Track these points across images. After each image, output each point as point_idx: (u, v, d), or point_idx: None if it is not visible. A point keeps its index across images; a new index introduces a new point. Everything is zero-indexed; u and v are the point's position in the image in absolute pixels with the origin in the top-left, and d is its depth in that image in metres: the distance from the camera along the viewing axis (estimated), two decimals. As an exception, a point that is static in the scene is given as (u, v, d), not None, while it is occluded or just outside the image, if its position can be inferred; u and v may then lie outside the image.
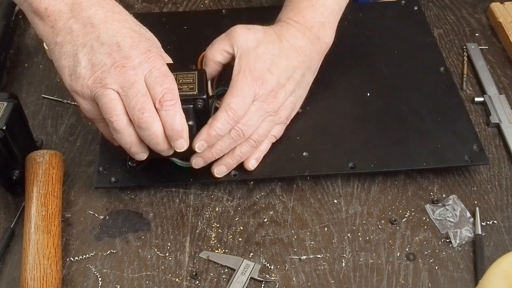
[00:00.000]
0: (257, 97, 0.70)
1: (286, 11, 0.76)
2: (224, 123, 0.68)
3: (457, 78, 0.88)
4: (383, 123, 0.79)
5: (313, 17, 0.74)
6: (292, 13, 0.75)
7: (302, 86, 0.75)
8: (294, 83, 0.73)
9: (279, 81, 0.71)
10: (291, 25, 0.74)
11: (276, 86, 0.71)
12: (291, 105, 0.74)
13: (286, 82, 0.72)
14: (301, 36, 0.74)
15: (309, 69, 0.75)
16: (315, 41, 0.75)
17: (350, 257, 0.69)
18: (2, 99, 0.70)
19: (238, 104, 0.68)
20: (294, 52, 0.73)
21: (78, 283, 0.67)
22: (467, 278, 0.67)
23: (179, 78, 0.69)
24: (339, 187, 0.75)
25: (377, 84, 0.83)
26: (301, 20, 0.74)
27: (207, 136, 0.68)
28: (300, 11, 0.75)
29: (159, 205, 0.74)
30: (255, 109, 0.70)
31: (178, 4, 1.01)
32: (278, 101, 0.72)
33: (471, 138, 0.76)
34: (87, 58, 0.64)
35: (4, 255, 0.69)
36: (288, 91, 0.72)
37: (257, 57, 0.70)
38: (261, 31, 0.73)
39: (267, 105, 0.71)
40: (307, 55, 0.74)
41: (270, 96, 0.70)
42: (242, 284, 0.66)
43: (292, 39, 0.73)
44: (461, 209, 0.72)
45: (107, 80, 0.62)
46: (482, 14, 0.98)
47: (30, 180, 0.70)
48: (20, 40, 0.95)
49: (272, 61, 0.71)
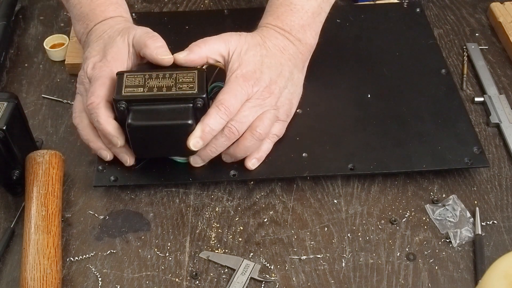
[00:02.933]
0: (252, 95, 0.71)
1: (266, 16, 0.78)
2: (216, 118, 0.68)
3: (457, 78, 0.88)
4: (383, 125, 0.79)
5: (291, 21, 0.76)
6: (271, 17, 0.77)
7: (293, 83, 0.76)
8: (285, 79, 0.74)
9: (271, 77, 0.72)
10: (270, 29, 0.76)
11: (269, 82, 0.72)
12: (287, 101, 0.75)
13: (277, 78, 0.73)
14: (282, 38, 0.76)
15: (296, 67, 0.76)
16: (296, 42, 0.76)
17: (350, 257, 0.69)
18: (2, 99, 0.70)
19: (229, 100, 0.69)
20: (279, 51, 0.75)
21: (78, 283, 0.67)
22: (467, 278, 0.67)
23: (179, 77, 0.69)
24: (339, 187, 0.75)
25: (378, 86, 0.83)
26: (279, 24, 0.76)
27: (201, 133, 0.68)
28: (278, 16, 0.77)
29: (159, 205, 0.74)
30: (250, 106, 0.71)
31: (178, 4, 1.01)
32: (275, 95, 0.72)
33: (472, 140, 0.76)
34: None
35: (4, 255, 0.69)
36: (281, 86, 0.73)
37: (248, 60, 0.72)
38: (249, 36, 0.75)
39: (262, 100, 0.71)
40: (291, 54, 0.76)
41: (265, 92, 0.71)
42: (242, 284, 0.66)
43: (274, 39, 0.75)
44: (461, 209, 0.72)
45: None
46: (482, 14, 0.98)
47: (30, 180, 0.70)
48: (20, 40, 0.95)
49: (262, 62, 0.73)
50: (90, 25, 0.78)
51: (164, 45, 0.72)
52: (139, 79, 0.69)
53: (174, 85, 0.69)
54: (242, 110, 0.70)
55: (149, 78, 0.69)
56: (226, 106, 0.68)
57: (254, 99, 0.71)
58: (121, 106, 0.68)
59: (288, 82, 0.75)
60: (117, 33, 0.74)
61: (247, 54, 0.73)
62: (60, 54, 0.91)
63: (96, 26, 0.77)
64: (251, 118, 0.71)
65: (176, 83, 0.69)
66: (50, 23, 0.98)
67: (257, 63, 0.72)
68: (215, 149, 0.71)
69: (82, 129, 0.74)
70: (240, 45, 0.73)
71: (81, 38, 0.80)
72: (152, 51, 0.71)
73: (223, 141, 0.71)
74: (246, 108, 0.71)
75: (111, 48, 0.73)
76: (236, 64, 0.72)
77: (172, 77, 0.70)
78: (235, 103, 0.69)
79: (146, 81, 0.69)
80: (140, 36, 0.73)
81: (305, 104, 0.80)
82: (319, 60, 0.81)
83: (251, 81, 0.71)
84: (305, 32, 0.77)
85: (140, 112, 0.68)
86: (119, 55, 0.73)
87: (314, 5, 0.77)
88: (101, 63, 0.72)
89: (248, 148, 0.73)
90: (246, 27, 0.78)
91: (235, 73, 0.71)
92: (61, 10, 1.00)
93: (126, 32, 0.74)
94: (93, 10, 0.78)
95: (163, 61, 0.71)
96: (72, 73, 0.89)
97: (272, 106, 0.73)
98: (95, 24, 0.77)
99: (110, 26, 0.76)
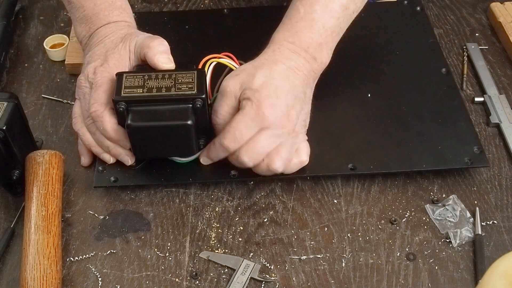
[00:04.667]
0: (268, 125, 0.67)
1: (282, 30, 0.74)
2: (218, 153, 0.71)
3: (457, 78, 0.88)
4: (384, 124, 0.78)
5: (310, 37, 0.72)
6: (288, 33, 0.73)
7: (306, 102, 0.73)
8: (300, 101, 0.71)
9: (288, 103, 0.69)
10: (284, 46, 0.72)
11: (286, 109, 0.68)
12: (303, 122, 0.73)
13: (294, 102, 0.70)
14: (296, 57, 0.72)
15: (308, 86, 0.73)
16: (311, 60, 0.73)
17: (350, 257, 0.69)
18: (2, 99, 0.70)
19: (229, 142, 0.68)
20: (292, 72, 0.71)
21: (78, 283, 0.67)
22: (467, 278, 0.67)
23: (178, 77, 0.69)
24: (339, 187, 0.75)
25: (378, 85, 0.83)
26: (296, 41, 0.72)
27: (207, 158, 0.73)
28: (297, 31, 0.72)
29: (159, 205, 0.74)
30: (265, 137, 0.68)
31: (178, 4, 1.01)
32: (293, 122, 0.69)
33: (472, 140, 0.76)
34: None
35: (4, 255, 0.69)
36: (298, 109, 0.70)
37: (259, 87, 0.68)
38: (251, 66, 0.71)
39: (281, 129, 0.68)
40: (305, 73, 0.72)
41: (284, 120, 0.68)
42: (242, 284, 0.66)
43: (287, 61, 0.71)
44: (461, 209, 0.72)
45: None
46: (482, 14, 0.98)
47: (30, 180, 0.70)
48: (20, 40, 0.95)
49: (275, 86, 0.68)
50: (92, 28, 0.77)
51: (167, 51, 0.72)
52: (138, 79, 0.69)
53: (173, 86, 0.69)
54: (258, 140, 0.68)
55: (149, 79, 0.69)
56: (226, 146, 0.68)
57: (271, 129, 0.68)
58: (120, 107, 0.68)
59: (303, 102, 0.72)
60: (119, 39, 0.74)
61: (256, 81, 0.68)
62: (60, 54, 0.91)
63: (99, 29, 0.76)
64: (267, 150, 0.69)
65: (176, 84, 0.69)
66: (50, 23, 0.98)
67: (270, 88, 0.68)
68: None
69: (83, 134, 0.75)
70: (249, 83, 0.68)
71: (82, 40, 0.79)
72: (154, 55, 0.71)
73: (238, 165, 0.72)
74: (263, 138, 0.68)
75: (113, 53, 0.73)
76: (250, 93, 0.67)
77: (171, 77, 0.69)
78: (234, 145, 0.68)
79: (145, 82, 0.69)
80: (143, 40, 0.72)
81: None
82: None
83: (266, 110, 0.66)
84: (322, 51, 0.73)
85: (140, 113, 0.68)
86: (121, 60, 0.72)
87: (335, 24, 0.73)
88: (102, 68, 0.72)
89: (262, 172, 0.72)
90: (246, 27, 0.78)
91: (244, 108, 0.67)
92: (61, 10, 1.00)
93: (128, 38, 0.73)
94: (97, 14, 0.77)
95: (163, 68, 0.71)
96: (72, 73, 0.89)
97: (290, 134, 0.70)
98: (97, 27, 0.77)
99: (113, 30, 0.76)
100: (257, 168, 0.71)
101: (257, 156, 0.69)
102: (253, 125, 0.67)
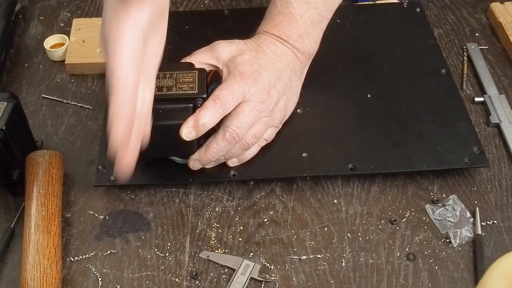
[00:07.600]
0: (249, 96, 0.70)
1: (264, 23, 0.77)
2: (212, 111, 0.68)
3: (457, 78, 0.88)
4: (383, 125, 0.78)
5: (289, 30, 0.75)
6: (269, 26, 0.76)
7: (292, 90, 0.75)
8: (284, 84, 0.73)
9: (270, 81, 0.71)
10: (266, 36, 0.75)
11: (268, 85, 0.71)
12: (283, 107, 0.74)
13: (276, 82, 0.72)
14: (280, 45, 0.75)
15: (294, 74, 0.75)
16: (294, 50, 0.75)
17: (350, 257, 0.69)
18: (2, 99, 0.70)
19: (226, 96, 0.68)
20: (277, 56, 0.74)
21: (78, 283, 0.67)
22: (467, 278, 0.67)
23: (179, 77, 0.69)
24: (339, 187, 0.75)
25: (378, 85, 0.83)
26: (276, 33, 0.75)
27: (194, 123, 0.67)
28: (275, 24, 0.75)
29: (159, 205, 0.74)
30: (249, 109, 0.70)
31: (178, 4, 1.01)
32: (272, 100, 0.71)
33: (472, 140, 0.76)
34: None
35: (4, 255, 0.69)
36: (280, 91, 0.72)
37: (243, 62, 0.71)
38: (242, 42, 0.74)
39: (261, 104, 0.70)
40: (289, 60, 0.75)
41: (263, 95, 0.70)
42: (242, 284, 0.66)
43: (271, 46, 0.74)
44: (461, 209, 0.72)
45: None
46: (482, 14, 0.98)
47: (30, 180, 0.70)
48: (20, 40, 0.95)
49: (259, 64, 0.72)
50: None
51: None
52: None
53: (174, 85, 0.69)
54: (242, 114, 0.69)
55: None
56: (222, 101, 0.68)
57: (253, 101, 0.70)
58: None
59: (287, 88, 0.74)
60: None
61: (242, 57, 0.72)
62: (60, 54, 0.91)
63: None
64: (250, 123, 0.71)
65: (177, 83, 0.69)
66: (50, 23, 0.98)
67: (254, 65, 0.71)
68: (216, 153, 0.71)
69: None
70: (231, 51, 0.72)
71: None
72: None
73: (224, 146, 0.70)
74: (246, 113, 0.70)
75: None
76: (232, 66, 0.71)
77: (172, 77, 0.70)
78: (231, 100, 0.69)
79: None
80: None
81: (305, 104, 0.79)
82: (319, 60, 0.81)
83: (248, 80, 0.70)
84: (303, 42, 0.76)
85: None
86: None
87: (314, 14, 0.75)
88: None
89: (234, 154, 0.72)
90: (246, 27, 0.78)
91: (232, 72, 0.70)
92: (61, 10, 1.00)
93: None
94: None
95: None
96: (72, 73, 0.89)
97: (268, 111, 0.71)
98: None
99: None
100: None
101: (242, 130, 0.70)
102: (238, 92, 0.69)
